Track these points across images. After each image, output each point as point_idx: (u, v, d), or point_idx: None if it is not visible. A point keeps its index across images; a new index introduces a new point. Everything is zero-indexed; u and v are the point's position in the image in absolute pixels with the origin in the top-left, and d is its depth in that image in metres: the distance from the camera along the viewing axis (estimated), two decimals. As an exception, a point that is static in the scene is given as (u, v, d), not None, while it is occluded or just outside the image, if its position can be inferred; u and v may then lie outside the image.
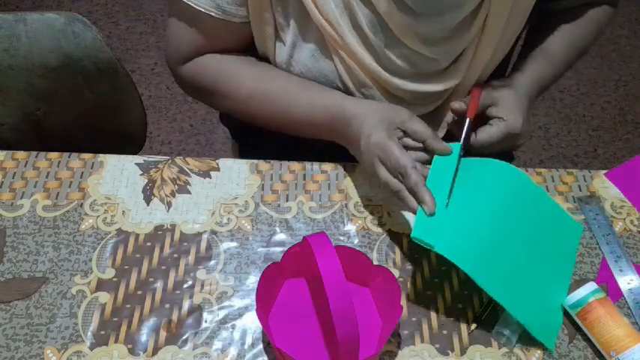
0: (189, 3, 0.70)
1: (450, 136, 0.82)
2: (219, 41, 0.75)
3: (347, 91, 0.74)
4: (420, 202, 0.62)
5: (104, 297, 0.65)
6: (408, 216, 0.73)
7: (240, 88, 0.76)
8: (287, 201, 0.74)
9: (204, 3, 0.70)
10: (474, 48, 0.72)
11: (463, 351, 0.62)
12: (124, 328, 0.63)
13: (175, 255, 0.69)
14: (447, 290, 0.67)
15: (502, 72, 0.83)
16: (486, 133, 0.69)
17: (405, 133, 0.67)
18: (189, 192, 0.74)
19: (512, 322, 0.63)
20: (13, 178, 0.75)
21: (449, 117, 0.77)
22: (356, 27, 0.69)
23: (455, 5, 0.66)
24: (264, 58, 0.77)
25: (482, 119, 0.71)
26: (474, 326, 0.63)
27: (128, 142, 1.02)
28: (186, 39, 0.75)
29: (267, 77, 0.75)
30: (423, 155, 0.67)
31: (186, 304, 0.65)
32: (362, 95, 0.74)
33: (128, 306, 0.64)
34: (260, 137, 0.89)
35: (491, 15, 0.69)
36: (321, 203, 0.74)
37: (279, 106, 0.74)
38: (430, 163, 0.66)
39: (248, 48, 0.77)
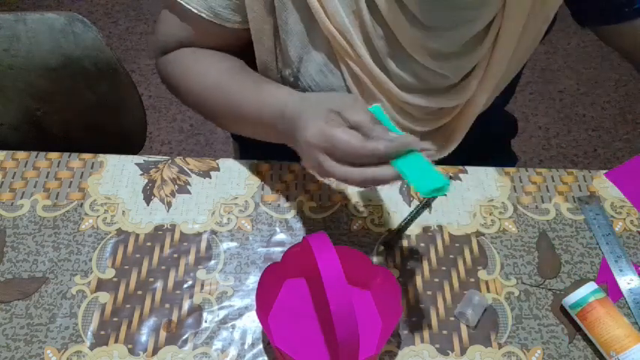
0: (181, 1, 0.69)
1: (460, 152, 0.81)
2: (206, 43, 0.74)
3: None
4: (406, 152, 0.53)
5: (104, 297, 0.65)
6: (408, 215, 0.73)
7: (203, 81, 0.73)
8: (287, 201, 0.74)
9: (196, 3, 0.69)
10: (486, 64, 0.71)
11: (463, 351, 0.62)
12: (124, 328, 0.63)
13: (175, 255, 0.69)
14: (447, 290, 0.67)
15: (510, 91, 0.82)
16: None
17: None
18: (189, 192, 0.74)
19: (474, 303, 0.64)
20: (13, 178, 0.75)
21: (459, 133, 0.77)
22: (366, 39, 0.67)
23: (467, 21, 0.65)
24: (264, 70, 0.75)
25: None
26: (381, 248, 0.69)
27: (128, 142, 1.02)
28: (172, 34, 0.75)
29: (230, 71, 0.72)
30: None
31: (186, 304, 0.65)
32: None
33: (128, 306, 0.64)
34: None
35: (503, 31, 0.67)
36: (321, 203, 0.74)
37: (232, 101, 0.70)
38: None
39: (238, 53, 0.76)
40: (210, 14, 0.69)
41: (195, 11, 0.69)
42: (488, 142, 0.96)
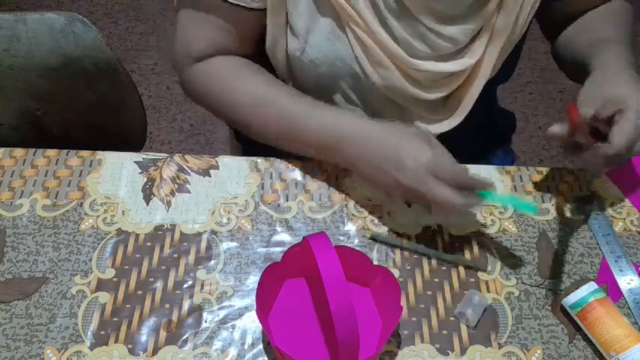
0: None
1: (464, 146, 0.81)
2: (233, 36, 0.73)
3: (363, 73, 0.73)
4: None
5: (104, 297, 0.65)
6: (409, 216, 0.73)
7: (246, 97, 0.72)
8: (287, 201, 0.74)
9: None
10: (492, 26, 0.71)
11: (463, 351, 0.62)
12: (124, 328, 0.63)
13: (175, 255, 0.69)
14: (447, 290, 0.67)
15: (516, 55, 0.82)
16: (620, 133, 0.58)
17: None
18: (188, 191, 0.74)
19: (474, 303, 0.64)
20: (11, 176, 0.75)
21: (468, 100, 0.76)
22: (372, 2, 0.67)
23: None
24: (272, 49, 0.75)
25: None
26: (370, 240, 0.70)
27: (128, 142, 1.02)
28: (198, 33, 0.73)
29: (275, 88, 0.73)
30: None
31: (186, 304, 0.65)
32: (379, 76, 0.72)
33: (128, 306, 0.64)
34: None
35: None
36: (321, 203, 0.74)
37: (288, 124, 0.71)
38: None
39: (258, 47, 0.75)
40: None
41: None
42: (490, 136, 0.96)
